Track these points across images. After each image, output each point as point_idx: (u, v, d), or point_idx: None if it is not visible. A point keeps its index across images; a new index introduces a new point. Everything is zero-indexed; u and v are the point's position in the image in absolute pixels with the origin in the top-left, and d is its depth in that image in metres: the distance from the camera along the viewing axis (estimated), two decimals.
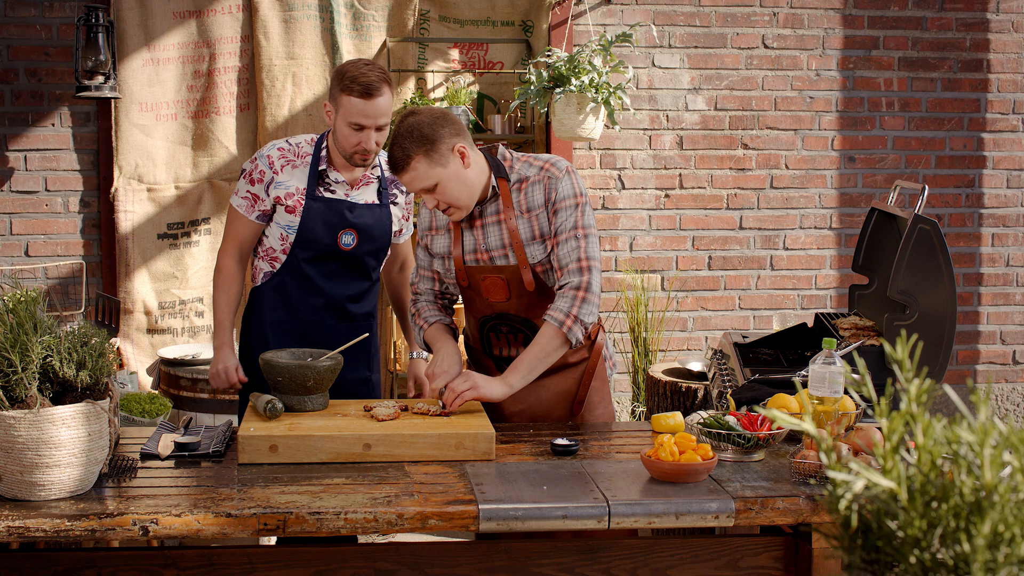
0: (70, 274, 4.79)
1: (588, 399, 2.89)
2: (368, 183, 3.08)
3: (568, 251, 2.71)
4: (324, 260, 3.03)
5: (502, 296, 2.79)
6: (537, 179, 2.75)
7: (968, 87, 5.27)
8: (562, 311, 2.68)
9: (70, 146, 4.77)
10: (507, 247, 2.76)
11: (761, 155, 5.17)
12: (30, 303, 2.16)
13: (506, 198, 2.76)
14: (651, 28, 4.97)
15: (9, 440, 2.10)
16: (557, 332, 2.69)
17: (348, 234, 3.02)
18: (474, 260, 2.81)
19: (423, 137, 2.64)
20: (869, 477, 1.12)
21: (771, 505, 2.21)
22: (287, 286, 3.06)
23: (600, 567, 2.35)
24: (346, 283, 3.07)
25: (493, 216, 2.78)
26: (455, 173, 2.67)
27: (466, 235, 2.82)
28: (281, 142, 3.07)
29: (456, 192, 2.69)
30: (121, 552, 2.39)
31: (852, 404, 2.52)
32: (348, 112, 2.90)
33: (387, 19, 4.86)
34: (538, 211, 2.74)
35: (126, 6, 4.67)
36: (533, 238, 2.75)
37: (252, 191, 3.03)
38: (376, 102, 2.89)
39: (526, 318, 2.80)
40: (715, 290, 5.21)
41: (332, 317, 3.07)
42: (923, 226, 3.02)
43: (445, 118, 2.69)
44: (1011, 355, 5.41)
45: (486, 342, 2.89)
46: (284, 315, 3.07)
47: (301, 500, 2.17)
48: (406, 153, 2.64)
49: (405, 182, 2.70)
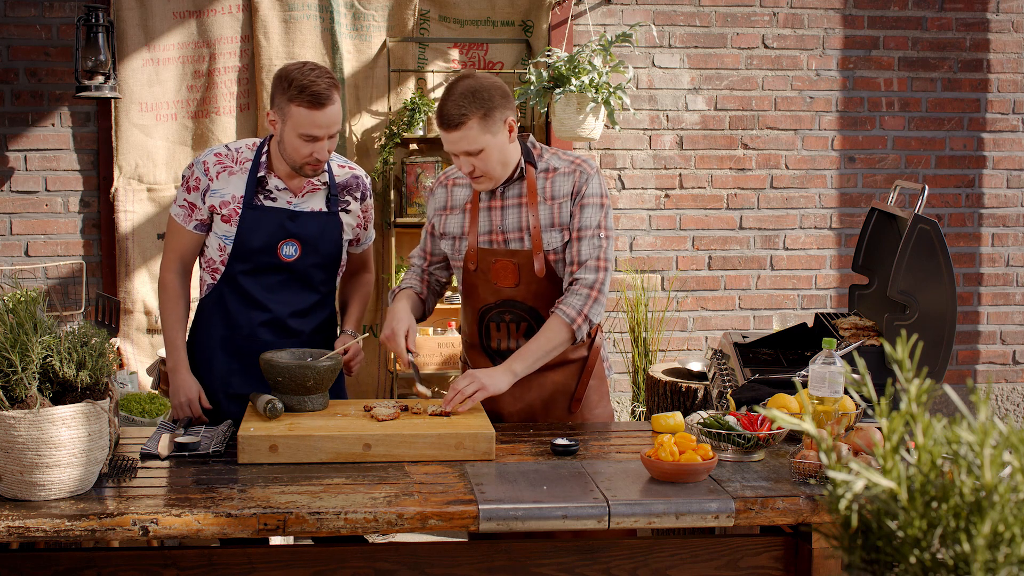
0: (70, 274, 4.79)
1: (587, 398, 2.90)
2: (314, 190, 2.87)
3: (590, 248, 2.74)
4: (264, 273, 2.84)
5: (511, 281, 2.79)
6: (567, 171, 2.79)
7: (968, 87, 5.27)
8: (574, 308, 2.70)
9: (70, 146, 4.77)
10: (524, 231, 2.78)
11: (761, 155, 5.17)
12: (30, 303, 2.16)
13: (531, 183, 2.78)
14: (651, 28, 4.97)
15: (9, 440, 2.10)
16: (566, 327, 2.70)
17: (290, 244, 2.82)
18: (488, 242, 2.81)
19: (481, 101, 2.65)
20: (869, 477, 1.12)
21: (771, 505, 2.21)
22: (227, 300, 2.87)
23: (600, 567, 2.35)
24: (289, 297, 2.87)
25: (514, 199, 2.80)
26: (501, 144, 2.70)
27: (483, 216, 2.82)
28: (220, 147, 2.87)
29: (495, 162, 2.71)
30: (121, 552, 2.39)
31: (852, 404, 2.52)
32: (298, 123, 2.70)
33: (387, 19, 4.86)
34: (562, 200, 2.77)
35: (126, 6, 4.67)
36: (552, 225, 2.77)
37: (188, 199, 2.84)
38: (328, 111, 2.70)
39: (532, 307, 2.80)
40: (715, 290, 5.21)
41: (272, 334, 2.87)
42: (923, 226, 3.02)
43: (502, 89, 2.71)
44: (1011, 355, 5.41)
45: (484, 334, 2.86)
46: (225, 331, 2.88)
47: (301, 500, 2.17)
48: (462, 112, 2.64)
49: (453, 140, 2.67)
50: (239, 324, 2.87)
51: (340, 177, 2.93)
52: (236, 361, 2.88)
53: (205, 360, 2.91)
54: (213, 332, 2.90)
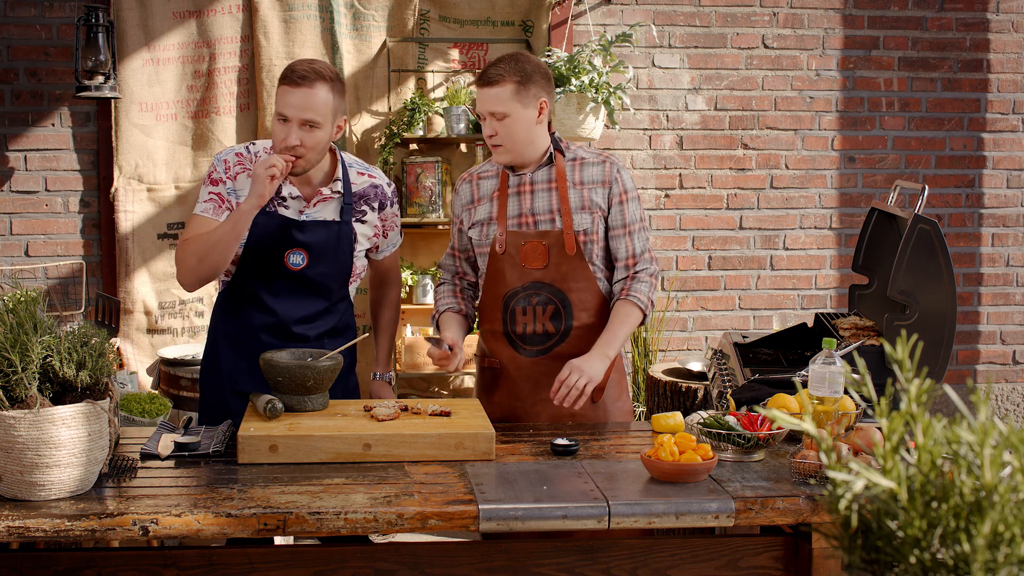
0: (70, 274, 4.79)
1: (610, 390, 2.95)
2: (327, 200, 2.85)
3: (641, 241, 2.94)
4: (272, 279, 2.84)
5: (540, 263, 2.87)
6: (596, 161, 2.93)
7: (968, 87, 5.27)
8: (644, 293, 2.88)
9: (70, 146, 4.76)
10: (555, 212, 2.89)
11: (761, 155, 5.17)
12: (30, 303, 2.16)
13: (560, 169, 2.90)
14: (651, 28, 4.97)
15: (9, 440, 2.10)
16: (639, 311, 2.87)
17: (297, 254, 2.81)
18: (517, 225, 2.91)
19: (522, 71, 2.80)
20: (869, 477, 1.12)
21: (771, 505, 2.21)
22: (236, 300, 2.88)
23: (600, 567, 2.35)
24: (296, 304, 2.86)
25: (544, 184, 2.91)
26: (528, 119, 2.83)
27: (512, 202, 2.92)
28: (240, 147, 2.87)
29: (518, 134, 2.83)
30: (121, 552, 2.39)
31: (852, 404, 2.52)
32: (277, 103, 2.73)
33: (387, 19, 4.86)
34: (591, 186, 2.90)
35: (126, 6, 4.67)
36: (582, 208, 2.89)
37: (215, 191, 2.82)
38: (302, 90, 2.68)
39: (559, 288, 2.88)
40: (715, 290, 5.21)
41: (274, 336, 2.85)
42: (923, 226, 3.02)
43: (546, 72, 2.86)
44: (1011, 355, 5.41)
45: (510, 320, 2.91)
46: (233, 329, 2.89)
47: (301, 500, 2.17)
48: (500, 73, 2.79)
49: (485, 97, 2.80)
50: (245, 324, 2.88)
51: (357, 186, 2.90)
52: (243, 359, 2.88)
53: (214, 356, 2.94)
54: (222, 329, 2.92)
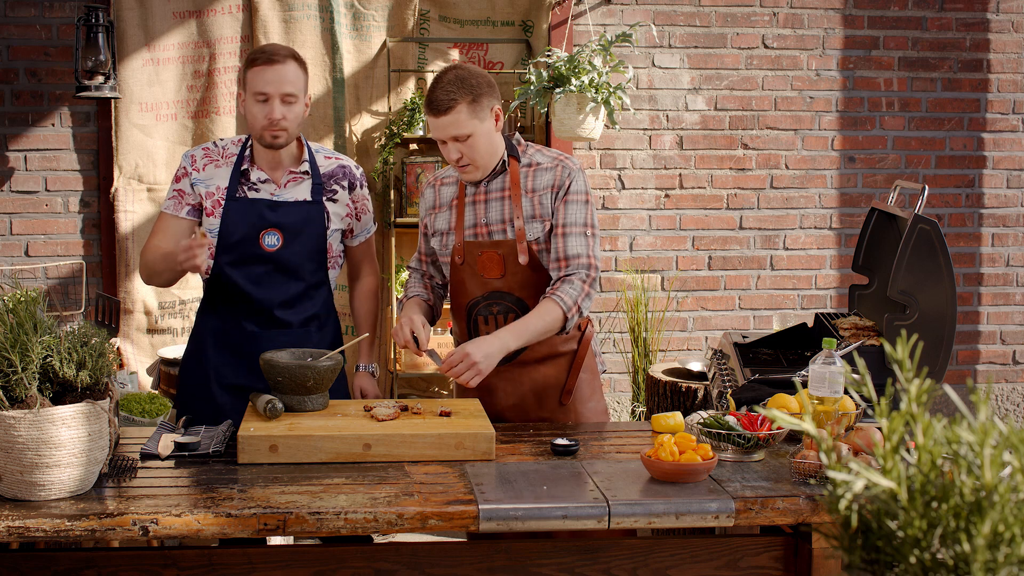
0: (70, 274, 4.79)
1: (579, 391, 2.93)
2: (298, 180, 2.93)
3: (577, 245, 2.80)
4: (248, 264, 2.89)
5: (497, 272, 2.84)
6: (549, 166, 2.86)
7: (968, 87, 5.27)
8: (569, 296, 2.75)
9: (70, 146, 4.76)
10: (507, 222, 2.84)
11: (761, 155, 5.17)
12: (30, 303, 2.16)
13: (515, 176, 2.85)
14: (651, 28, 4.97)
15: (9, 440, 2.10)
16: (560, 314, 2.74)
17: (271, 234, 2.87)
18: (473, 235, 2.87)
19: (469, 88, 2.74)
20: (869, 477, 1.12)
21: (771, 505, 2.21)
22: (217, 293, 2.94)
23: (600, 567, 2.35)
24: (275, 288, 2.91)
25: (497, 192, 2.86)
26: (488, 131, 2.79)
27: (468, 211, 2.89)
28: (209, 143, 2.99)
29: (482, 149, 2.79)
30: (121, 552, 2.39)
31: (852, 404, 2.52)
32: (252, 85, 2.81)
33: (387, 19, 4.86)
34: (542, 192, 2.83)
35: (126, 6, 4.67)
36: (534, 216, 2.83)
37: (177, 188, 2.93)
38: (278, 67, 2.80)
39: (518, 297, 2.85)
40: (715, 290, 5.21)
41: (258, 324, 2.92)
42: (923, 226, 3.02)
43: (488, 79, 2.81)
44: (1011, 355, 5.41)
45: (473, 329, 2.91)
46: (217, 323, 2.95)
47: (301, 500, 2.17)
48: (451, 97, 2.72)
49: (442, 125, 2.74)
50: (228, 316, 2.94)
51: (325, 167, 2.99)
52: (228, 352, 2.93)
53: (198, 352, 2.98)
54: (206, 324, 2.98)
